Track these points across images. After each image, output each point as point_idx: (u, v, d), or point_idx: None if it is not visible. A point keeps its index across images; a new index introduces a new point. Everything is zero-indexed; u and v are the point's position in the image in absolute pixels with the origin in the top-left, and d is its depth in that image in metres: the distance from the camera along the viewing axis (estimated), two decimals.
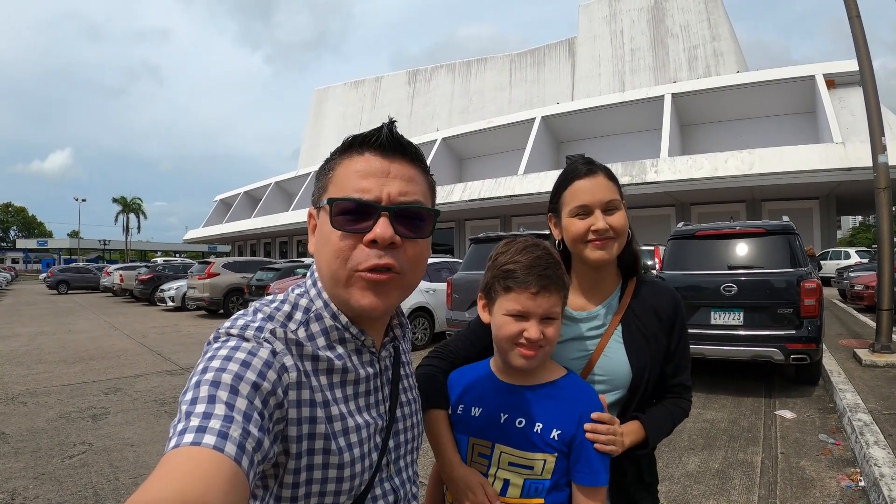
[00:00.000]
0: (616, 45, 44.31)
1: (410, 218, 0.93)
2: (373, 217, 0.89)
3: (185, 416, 0.70)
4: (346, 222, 0.89)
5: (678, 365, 1.51)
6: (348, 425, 0.91)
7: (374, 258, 0.89)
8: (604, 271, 1.51)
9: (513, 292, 1.26)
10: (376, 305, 0.91)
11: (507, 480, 1.30)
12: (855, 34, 8.37)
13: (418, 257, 0.96)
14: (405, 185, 0.93)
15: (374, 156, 0.92)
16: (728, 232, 7.15)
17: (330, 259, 0.91)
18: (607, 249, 1.43)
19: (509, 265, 1.28)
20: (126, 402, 6.84)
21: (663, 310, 1.49)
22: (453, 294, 9.30)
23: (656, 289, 1.53)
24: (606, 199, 1.44)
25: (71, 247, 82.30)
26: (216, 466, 0.63)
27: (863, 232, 62.17)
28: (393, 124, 0.95)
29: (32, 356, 10.44)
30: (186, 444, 0.65)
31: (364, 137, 0.94)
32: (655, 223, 29.34)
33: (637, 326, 1.47)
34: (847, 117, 24.59)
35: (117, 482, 4.36)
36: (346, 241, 0.90)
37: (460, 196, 31.63)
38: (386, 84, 59.43)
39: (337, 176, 0.94)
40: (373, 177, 0.91)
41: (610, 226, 1.42)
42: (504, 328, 1.27)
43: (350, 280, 0.91)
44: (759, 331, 6.51)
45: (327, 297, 0.96)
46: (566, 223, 1.48)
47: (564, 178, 1.51)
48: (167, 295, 21.34)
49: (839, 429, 5.31)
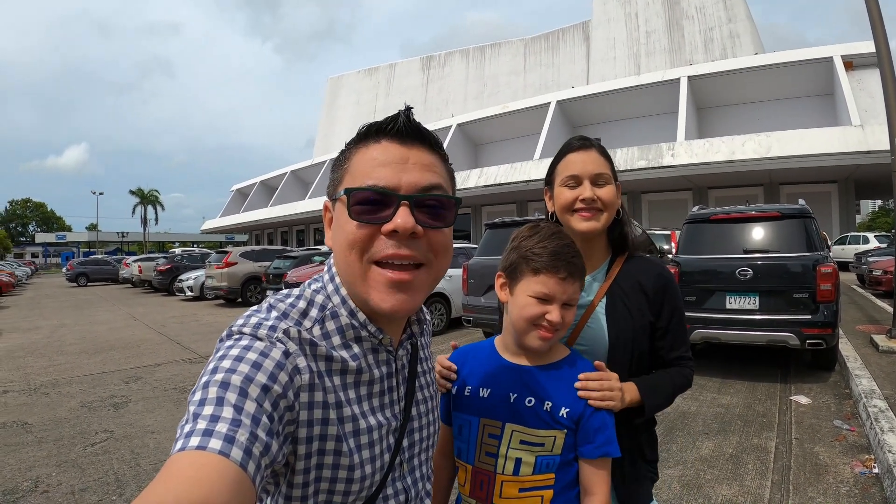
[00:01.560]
0: (631, 28, 43.88)
1: (431, 206, 0.89)
2: (392, 206, 0.85)
3: (192, 417, 0.69)
4: (363, 212, 0.85)
5: (674, 340, 1.53)
6: (360, 427, 0.88)
7: (392, 247, 0.85)
8: (593, 244, 1.55)
9: (542, 275, 1.29)
10: (400, 307, 0.88)
11: (520, 459, 1.33)
12: (872, 15, 8.22)
13: (442, 246, 0.92)
14: (425, 173, 0.89)
15: (392, 143, 0.89)
16: (744, 216, 7.08)
17: (346, 251, 0.88)
18: (594, 220, 1.48)
19: (538, 248, 1.31)
20: (146, 391, 6.95)
21: (649, 285, 1.51)
22: (469, 279, 9.30)
23: (644, 265, 1.57)
24: (596, 172, 1.50)
25: (89, 240, 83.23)
26: (220, 472, 0.62)
27: (882, 216, 61.22)
28: (410, 111, 0.91)
29: (54, 348, 10.62)
30: (192, 447, 0.64)
31: (380, 125, 0.90)
32: (672, 207, 29.15)
33: (621, 299, 1.50)
34: (866, 100, 24.19)
35: (138, 468, 4.45)
36: (364, 231, 0.86)
37: (476, 182, 31.54)
38: (400, 71, 59.33)
39: (353, 166, 0.90)
40: (391, 165, 0.87)
41: (598, 196, 1.47)
42: (527, 309, 1.31)
43: (368, 276, 0.87)
44: (774, 315, 6.46)
45: (345, 293, 0.92)
46: (557, 192, 1.54)
47: (559, 152, 1.59)
48: (186, 285, 21.59)
49: (854, 415, 5.28)
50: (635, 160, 25.79)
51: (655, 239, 12.20)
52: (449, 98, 53.62)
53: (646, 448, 1.54)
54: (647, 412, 1.44)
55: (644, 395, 1.42)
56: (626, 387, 1.40)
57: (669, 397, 1.51)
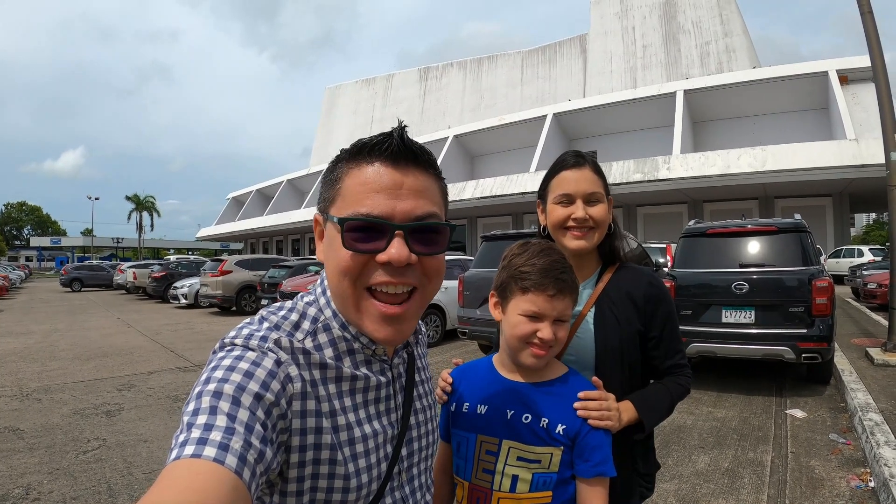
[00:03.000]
0: (628, 42, 44.10)
1: (425, 233, 0.88)
2: (386, 236, 0.84)
3: (186, 427, 0.69)
4: (357, 240, 0.84)
5: (668, 349, 1.54)
6: (355, 435, 0.88)
7: (386, 275, 0.85)
8: (584, 257, 1.57)
9: (530, 293, 1.30)
10: (394, 337, 0.88)
11: (516, 476, 1.33)
12: (867, 30, 8.29)
13: (435, 270, 0.92)
14: (419, 200, 0.87)
15: (385, 166, 0.86)
16: (739, 230, 7.11)
17: (339, 277, 0.87)
18: (586, 239, 1.51)
19: (527, 267, 1.32)
20: (139, 399, 6.90)
21: (639, 294, 1.52)
22: (465, 291, 9.30)
23: (634, 274, 1.58)
24: (589, 191, 1.51)
25: (84, 245, 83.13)
26: (216, 479, 0.63)
27: (877, 229, 61.45)
28: (404, 130, 0.89)
29: (46, 353, 10.54)
30: (187, 456, 0.65)
31: (373, 145, 0.87)
32: (668, 220, 29.30)
33: (610, 309, 1.51)
34: (860, 114, 24.36)
35: (131, 477, 4.41)
36: (358, 260, 0.85)
37: (472, 193, 31.64)
38: (397, 81, 59.47)
39: (346, 188, 0.88)
40: (384, 191, 0.85)
41: (590, 216, 1.50)
42: (518, 328, 1.31)
43: (362, 305, 0.88)
44: (770, 329, 6.47)
45: (336, 307, 0.93)
46: (549, 209, 1.56)
47: (553, 167, 1.60)
48: (180, 292, 21.47)
49: (850, 428, 5.28)
50: (631, 173, 25.92)
51: (651, 252, 12.24)
52: (446, 109, 53.74)
53: (639, 460, 1.55)
54: (648, 428, 1.44)
55: (642, 413, 1.43)
56: (623, 406, 1.40)
57: (668, 410, 1.51)
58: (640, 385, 1.53)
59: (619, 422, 1.36)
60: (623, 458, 1.46)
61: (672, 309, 1.57)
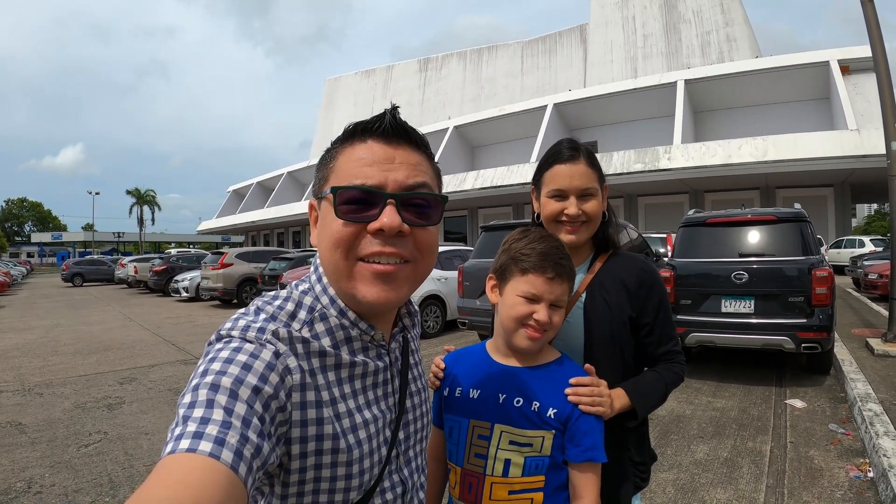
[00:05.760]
0: (628, 31, 43.89)
1: (418, 205, 0.89)
2: (378, 205, 0.85)
3: (182, 420, 0.68)
4: (350, 211, 0.85)
5: (662, 335, 1.54)
6: (357, 421, 0.88)
7: (378, 245, 0.86)
8: (577, 245, 1.57)
9: (529, 274, 1.32)
10: (385, 298, 0.87)
11: (509, 460, 1.34)
12: (868, 19, 8.26)
13: (428, 245, 0.92)
14: (411, 171, 0.89)
15: (378, 143, 0.88)
16: (739, 219, 7.10)
17: (332, 249, 0.87)
18: (578, 234, 1.52)
19: (527, 249, 1.34)
20: (141, 392, 6.93)
21: (631, 280, 1.53)
22: (464, 282, 9.29)
23: (627, 261, 1.58)
24: (583, 187, 1.51)
25: (85, 240, 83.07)
26: (210, 474, 0.62)
27: (878, 220, 61.28)
28: (396, 110, 0.91)
29: (48, 348, 10.59)
30: (182, 450, 0.63)
31: (366, 124, 0.89)
32: (668, 210, 29.21)
33: (601, 295, 1.52)
34: (862, 104, 24.21)
35: (132, 469, 4.44)
36: (350, 230, 0.86)
37: (472, 184, 31.52)
38: (397, 73, 59.30)
39: (339, 165, 0.90)
40: (377, 164, 0.87)
41: (583, 211, 1.50)
42: (515, 308, 1.33)
43: (354, 271, 0.87)
44: (770, 319, 6.47)
45: (333, 292, 0.92)
46: (543, 201, 1.56)
47: (548, 158, 1.58)
48: (181, 286, 21.55)
49: (849, 419, 5.28)
50: (632, 163, 25.83)
51: (651, 242, 12.23)
52: (446, 100, 53.58)
53: (633, 448, 1.55)
54: (641, 416, 1.44)
55: (634, 399, 1.43)
56: (615, 394, 1.40)
57: (661, 397, 1.51)
58: (633, 372, 1.54)
59: (611, 408, 1.36)
60: (616, 445, 1.46)
61: (665, 295, 1.57)
